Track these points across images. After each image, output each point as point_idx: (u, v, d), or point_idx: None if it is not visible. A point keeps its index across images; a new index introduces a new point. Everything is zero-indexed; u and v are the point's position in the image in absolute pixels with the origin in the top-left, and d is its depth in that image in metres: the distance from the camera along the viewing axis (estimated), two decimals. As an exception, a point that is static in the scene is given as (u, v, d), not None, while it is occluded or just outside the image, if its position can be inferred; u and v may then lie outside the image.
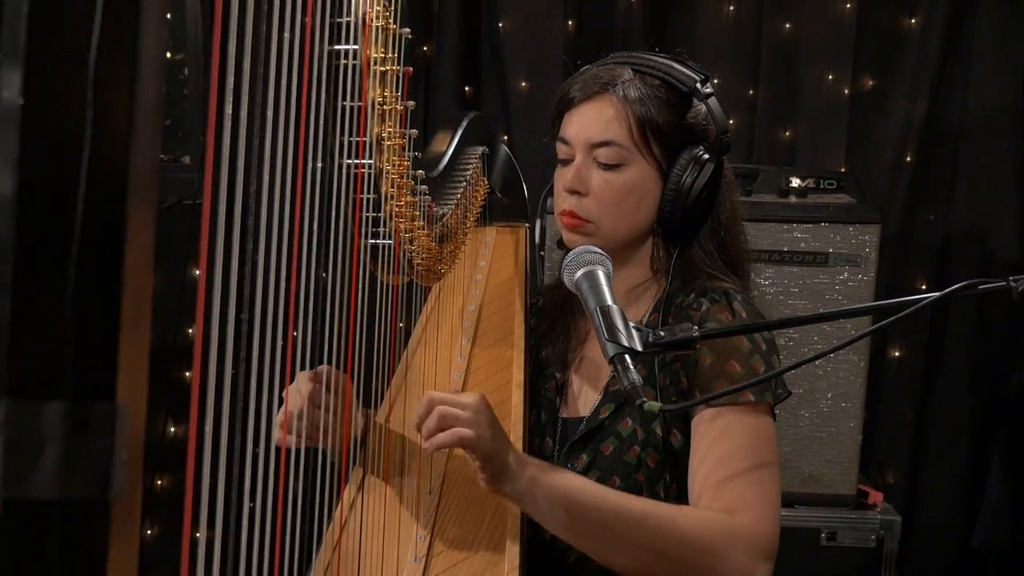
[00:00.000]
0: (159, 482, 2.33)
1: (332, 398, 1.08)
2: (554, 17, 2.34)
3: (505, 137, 2.34)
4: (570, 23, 2.38)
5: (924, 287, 2.36)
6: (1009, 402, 2.35)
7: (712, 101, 1.16)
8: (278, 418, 1.08)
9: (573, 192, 1.17)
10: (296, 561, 0.77)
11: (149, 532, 2.32)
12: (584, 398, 1.22)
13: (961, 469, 2.41)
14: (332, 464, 1.04)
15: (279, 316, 0.67)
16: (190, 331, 0.59)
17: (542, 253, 1.90)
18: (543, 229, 1.93)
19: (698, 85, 1.15)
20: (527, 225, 1.60)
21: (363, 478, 1.13)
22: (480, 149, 1.41)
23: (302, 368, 0.80)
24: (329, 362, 0.89)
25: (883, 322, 1.01)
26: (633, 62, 1.19)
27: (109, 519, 0.39)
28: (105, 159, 0.38)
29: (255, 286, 0.64)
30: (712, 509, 1.03)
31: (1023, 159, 2.35)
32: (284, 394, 1.09)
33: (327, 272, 0.84)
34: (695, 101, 1.17)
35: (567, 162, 1.19)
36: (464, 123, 1.35)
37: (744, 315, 1.13)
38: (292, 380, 0.74)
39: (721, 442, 1.06)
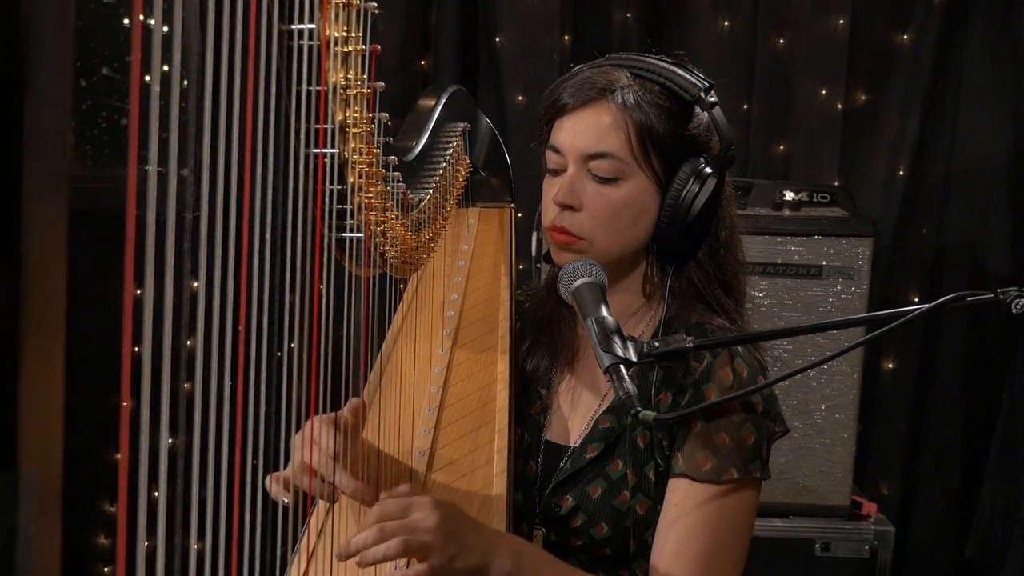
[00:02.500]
0: (155, 494, 2.33)
1: (351, 447, 0.99)
2: (551, 32, 2.36)
3: (503, 145, 2.35)
4: (567, 38, 2.40)
5: (917, 300, 2.37)
6: (1001, 413, 2.36)
7: (717, 111, 1.08)
8: (288, 474, 0.98)
9: (565, 207, 1.09)
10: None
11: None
12: (571, 423, 1.15)
13: (954, 480, 2.42)
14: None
15: (228, 320, 0.61)
16: (188, 343, 0.57)
17: (538, 266, 1.90)
18: (539, 242, 1.93)
19: (702, 94, 1.07)
20: (513, 205, 1.50)
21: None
22: (461, 125, 1.30)
23: (262, 377, 0.71)
24: (296, 365, 0.82)
25: (874, 333, 1.02)
26: (632, 65, 1.10)
27: (13, 606, 0.33)
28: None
29: (213, 291, 0.59)
30: None
31: (1014, 173, 2.37)
32: (294, 441, 0.96)
33: (291, 270, 0.78)
34: (697, 110, 1.09)
35: (558, 172, 1.11)
36: (443, 98, 1.23)
37: (745, 374, 1.06)
38: (244, 391, 0.65)
39: (690, 523, 1.02)
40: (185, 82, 0.54)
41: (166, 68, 0.49)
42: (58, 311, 0.35)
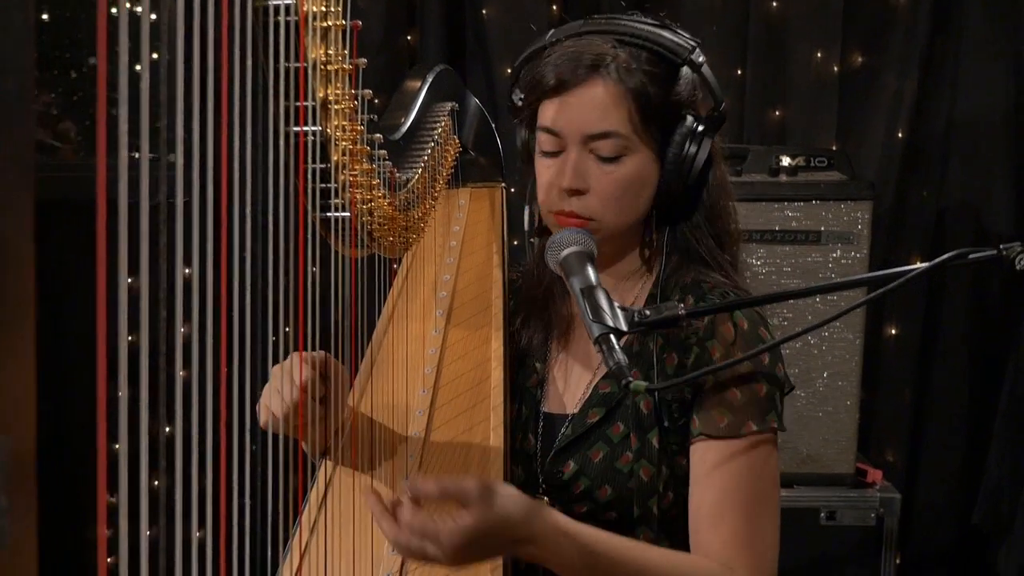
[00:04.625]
0: (155, 482, 2.33)
1: (329, 391, 1.01)
2: (538, 2, 2.32)
3: (492, 125, 2.32)
4: (554, 7, 2.35)
5: (918, 263, 2.33)
6: (1007, 376, 2.33)
7: (706, 70, 1.07)
8: (264, 400, 1.02)
9: (573, 192, 1.06)
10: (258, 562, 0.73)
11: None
12: (568, 393, 1.15)
13: (960, 445, 2.39)
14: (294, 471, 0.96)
15: (215, 305, 0.61)
16: (182, 330, 0.56)
17: (532, 240, 1.87)
18: (532, 215, 1.90)
19: (691, 55, 1.06)
20: (504, 184, 1.50)
21: (330, 473, 1.07)
22: (449, 105, 1.30)
23: (257, 362, 0.72)
24: (287, 348, 0.82)
25: (875, 292, 1.00)
26: (615, 31, 1.07)
27: (-8, 577, 0.33)
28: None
29: (197, 277, 0.58)
30: (711, 554, 1.01)
31: (1015, 133, 2.32)
32: (271, 371, 1.00)
33: (274, 253, 0.78)
34: (685, 70, 1.07)
35: (553, 154, 1.08)
36: (430, 77, 1.23)
37: (746, 326, 1.07)
38: (240, 377, 0.65)
39: (721, 480, 1.03)
40: (157, 57, 0.51)
41: (131, 47, 0.47)
42: (27, 278, 0.35)
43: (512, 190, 1.58)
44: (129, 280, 0.43)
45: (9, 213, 0.34)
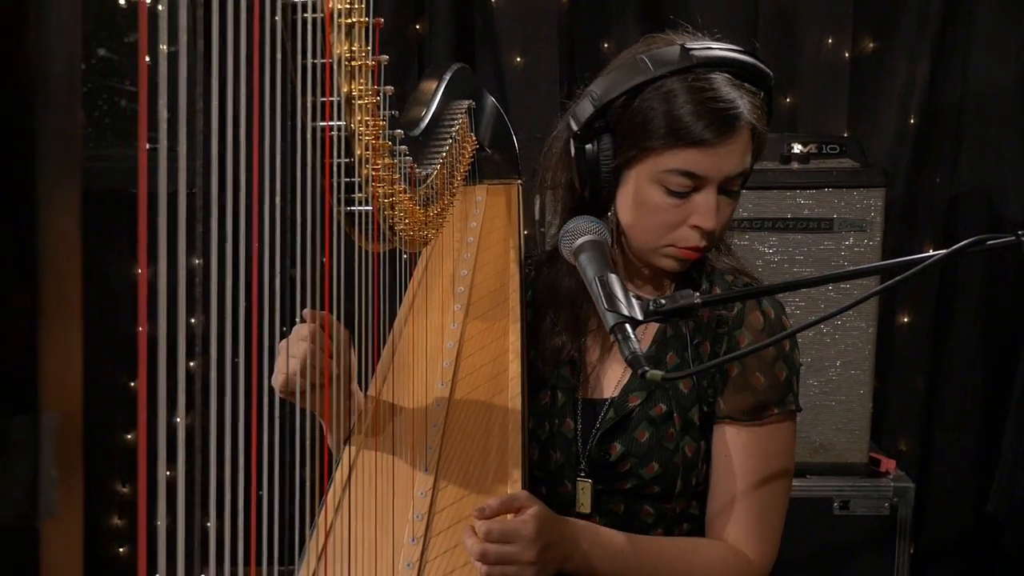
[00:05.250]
0: (168, 473, 2.34)
1: (335, 346, 1.05)
2: (546, -10, 2.30)
3: (508, 123, 2.31)
4: (563, -3, 2.34)
5: (931, 251, 2.32)
6: (1020, 364, 2.32)
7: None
8: (279, 364, 1.05)
9: (710, 230, 1.10)
10: (282, 550, 0.74)
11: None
12: (606, 379, 1.18)
13: (974, 433, 2.38)
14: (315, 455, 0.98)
15: (240, 297, 0.61)
16: (193, 320, 0.56)
17: (542, 230, 1.87)
18: (543, 205, 1.90)
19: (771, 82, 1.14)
20: (520, 181, 1.52)
21: (353, 460, 1.09)
22: (466, 103, 1.32)
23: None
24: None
25: (891, 281, 0.99)
26: (724, 63, 1.09)
27: (39, 546, 0.35)
28: (9, 140, 0.34)
29: (225, 268, 0.59)
30: (722, 535, 1.12)
31: (1028, 119, 2.31)
32: (279, 346, 1.05)
33: (301, 245, 0.79)
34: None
35: (682, 194, 1.09)
36: (447, 76, 1.26)
37: (772, 314, 1.14)
38: (270, 370, 0.70)
39: (739, 464, 1.12)
40: (186, 53, 0.52)
41: (168, 47, 0.48)
42: (74, 262, 0.37)
43: (522, 180, 1.58)
44: (139, 271, 0.44)
45: (59, 200, 0.36)
